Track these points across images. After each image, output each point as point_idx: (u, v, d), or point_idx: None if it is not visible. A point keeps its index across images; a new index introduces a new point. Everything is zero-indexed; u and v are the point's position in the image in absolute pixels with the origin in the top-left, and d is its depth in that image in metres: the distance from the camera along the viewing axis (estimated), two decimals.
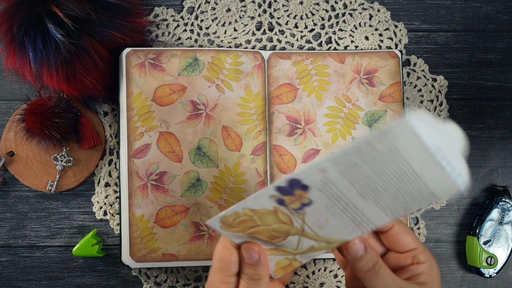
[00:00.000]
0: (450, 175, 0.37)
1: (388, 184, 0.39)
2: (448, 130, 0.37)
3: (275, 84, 0.65)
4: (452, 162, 0.37)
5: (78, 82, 0.60)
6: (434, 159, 0.37)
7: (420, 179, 0.38)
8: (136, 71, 0.63)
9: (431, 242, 0.68)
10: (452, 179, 0.38)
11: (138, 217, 0.62)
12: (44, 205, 0.65)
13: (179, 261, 0.62)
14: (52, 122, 0.60)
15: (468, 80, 0.70)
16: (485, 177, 0.69)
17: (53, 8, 0.57)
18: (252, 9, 0.68)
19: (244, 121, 0.64)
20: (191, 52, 0.64)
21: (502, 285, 0.68)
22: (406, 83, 0.69)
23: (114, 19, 0.60)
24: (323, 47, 0.68)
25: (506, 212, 0.66)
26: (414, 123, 0.35)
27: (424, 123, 0.36)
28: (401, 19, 0.69)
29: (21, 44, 0.58)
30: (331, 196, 0.40)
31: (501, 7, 0.70)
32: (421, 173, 0.38)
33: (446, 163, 0.37)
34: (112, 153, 0.66)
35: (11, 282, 0.65)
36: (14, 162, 0.64)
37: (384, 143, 0.36)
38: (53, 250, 0.65)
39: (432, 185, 0.39)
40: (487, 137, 0.70)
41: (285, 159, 0.64)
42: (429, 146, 0.36)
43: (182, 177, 0.63)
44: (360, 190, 0.40)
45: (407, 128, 0.35)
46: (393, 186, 0.39)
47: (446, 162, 0.37)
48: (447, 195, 0.40)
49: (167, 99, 0.63)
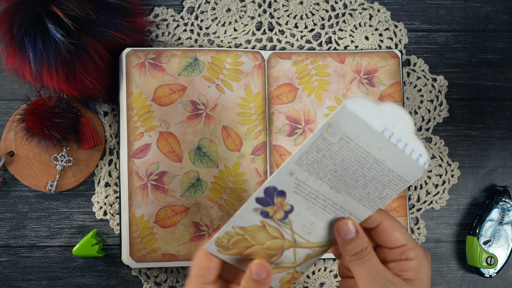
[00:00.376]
0: (410, 156, 0.38)
1: (355, 174, 0.39)
2: (389, 110, 0.37)
3: (275, 84, 0.65)
4: (408, 143, 0.38)
5: (78, 82, 0.60)
6: (386, 141, 0.37)
7: (382, 164, 0.39)
8: (136, 71, 0.63)
9: (431, 242, 0.68)
10: (413, 160, 0.38)
11: (138, 217, 0.62)
12: (44, 205, 0.65)
13: (179, 261, 0.62)
14: (52, 122, 0.60)
15: (468, 80, 0.70)
16: (485, 177, 0.69)
17: (53, 8, 0.57)
18: (252, 9, 0.68)
19: (244, 121, 0.64)
20: (191, 52, 0.64)
21: (502, 285, 0.68)
22: (406, 83, 0.69)
23: (114, 19, 0.60)
24: (323, 47, 0.68)
25: (506, 212, 0.66)
26: (353, 109, 0.36)
27: (364, 107, 0.36)
28: (401, 19, 0.69)
29: (21, 44, 0.58)
30: (308, 196, 0.40)
31: (501, 7, 0.70)
32: (381, 158, 0.38)
33: (401, 144, 0.38)
34: (112, 153, 0.66)
35: (11, 282, 0.65)
36: (14, 162, 0.64)
37: (334, 134, 0.37)
38: (53, 250, 0.65)
39: (395, 168, 0.39)
40: (487, 137, 0.70)
41: (285, 159, 0.64)
42: (375, 128, 0.37)
43: (182, 177, 0.63)
44: (332, 184, 0.40)
45: (348, 114, 0.36)
46: (360, 176, 0.39)
47: (402, 144, 0.38)
48: (415, 176, 0.39)
49: (167, 99, 0.63)
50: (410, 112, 0.69)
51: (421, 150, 0.38)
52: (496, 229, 0.66)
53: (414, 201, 0.68)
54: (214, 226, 0.63)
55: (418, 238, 0.68)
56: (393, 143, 0.37)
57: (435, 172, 0.69)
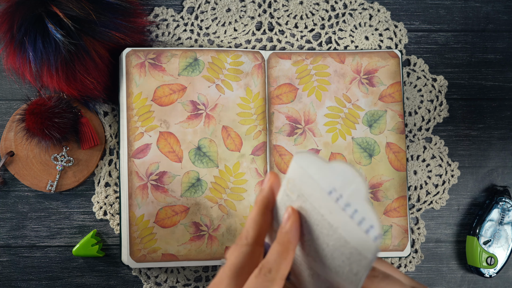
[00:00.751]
0: (359, 226, 0.31)
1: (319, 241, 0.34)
2: (340, 170, 0.32)
3: (275, 84, 0.65)
4: (359, 210, 0.31)
5: (78, 82, 0.60)
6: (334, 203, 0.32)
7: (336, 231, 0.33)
8: (136, 71, 0.63)
9: (431, 242, 0.68)
10: (362, 231, 0.31)
11: (138, 217, 0.62)
12: (44, 205, 0.65)
13: (179, 261, 0.62)
14: (52, 122, 0.60)
15: (468, 80, 0.70)
16: (485, 177, 0.69)
17: (53, 8, 0.57)
18: (252, 9, 0.68)
19: (244, 121, 0.64)
20: (191, 52, 0.64)
21: (502, 285, 0.68)
22: (406, 83, 0.69)
23: (114, 19, 0.60)
24: (323, 47, 0.68)
25: (506, 212, 0.66)
26: (302, 164, 0.33)
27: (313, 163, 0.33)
28: (401, 19, 0.69)
29: (21, 44, 0.58)
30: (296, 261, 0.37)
31: (501, 7, 0.70)
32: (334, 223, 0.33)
33: (350, 210, 0.32)
34: (112, 153, 0.66)
35: (11, 282, 0.65)
36: (14, 162, 0.64)
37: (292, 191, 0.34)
38: (53, 250, 0.65)
39: (350, 238, 0.32)
40: (487, 137, 0.69)
41: (285, 159, 0.64)
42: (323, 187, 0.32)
43: (182, 177, 0.63)
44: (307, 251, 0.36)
45: (298, 169, 0.33)
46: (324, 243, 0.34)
47: (351, 210, 0.32)
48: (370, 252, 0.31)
49: (167, 99, 0.63)
50: (410, 113, 0.69)
51: (372, 220, 0.31)
52: (496, 229, 0.66)
53: (414, 201, 0.68)
54: (214, 226, 0.63)
55: (418, 238, 0.68)
56: (341, 207, 0.32)
57: (435, 172, 0.69)
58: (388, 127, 0.66)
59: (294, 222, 0.36)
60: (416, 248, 0.68)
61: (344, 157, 0.65)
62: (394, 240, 0.65)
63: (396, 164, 0.66)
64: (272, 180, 0.38)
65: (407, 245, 0.65)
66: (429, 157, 0.68)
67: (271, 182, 0.38)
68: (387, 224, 0.65)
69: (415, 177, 0.68)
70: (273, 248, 0.36)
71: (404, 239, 0.65)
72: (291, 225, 0.36)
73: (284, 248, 0.35)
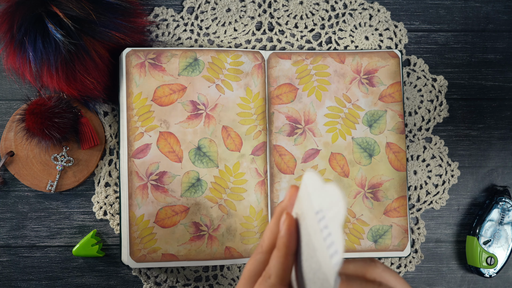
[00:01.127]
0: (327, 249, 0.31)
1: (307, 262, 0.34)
2: (330, 192, 0.32)
3: (275, 84, 0.65)
4: (332, 233, 0.31)
5: (78, 82, 0.60)
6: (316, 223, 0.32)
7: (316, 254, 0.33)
8: (136, 71, 0.63)
9: (431, 242, 0.68)
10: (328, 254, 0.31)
11: (138, 217, 0.62)
12: (44, 205, 0.65)
13: (179, 261, 0.62)
14: (52, 122, 0.60)
15: (468, 80, 0.70)
16: (485, 177, 0.69)
17: (53, 8, 0.57)
18: (252, 9, 0.68)
19: (244, 121, 0.64)
20: (191, 52, 0.64)
21: (502, 285, 0.68)
22: (406, 83, 0.69)
23: (114, 19, 0.60)
24: (323, 47, 0.68)
25: (506, 212, 0.66)
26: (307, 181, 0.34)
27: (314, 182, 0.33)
28: (401, 19, 0.69)
29: (21, 44, 0.58)
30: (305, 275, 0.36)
31: (501, 7, 0.70)
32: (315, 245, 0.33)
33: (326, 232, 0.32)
34: (112, 153, 0.66)
35: (11, 282, 0.65)
36: (14, 162, 0.64)
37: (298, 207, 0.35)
38: (53, 250, 0.65)
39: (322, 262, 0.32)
40: (487, 137, 0.69)
41: (285, 159, 0.64)
42: (314, 205, 0.33)
43: (182, 177, 0.63)
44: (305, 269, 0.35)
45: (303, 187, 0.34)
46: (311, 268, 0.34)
47: (326, 232, 0.32)
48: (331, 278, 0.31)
49: (167, 99, 0.63)
50: (411, 113, 0.69)
51: (338, 246, 0.30)
52: (496, 229, 0.66)
53: (414, 201, 0.68)
54: (214, 226, 0.63)
55: (418, 238, 0.68)
56: (320, 228, 0.32)
57: (435, 172, 0.69)
58: (388, 127, 0.66)
59: (288, 226, 0.36)
60: (416, 248, 0.68)
61: (344, 157, 0.65)
62: (394, 240, 0.65)
63: (396, 164, 0.66)
64: (291, 193, 0.39)
65: (407, 245, 0.65)
66: (429, 157, 0.68)
67: (290, 194, 0.39)
68: (387, 224, 0.65)
69: (415, 177, 0.68)
70: (273, 254, 0.37)
71: (404, 239, 0.65)
72: (286, 228, 0.36)
73: (282, 253, 0.36)
